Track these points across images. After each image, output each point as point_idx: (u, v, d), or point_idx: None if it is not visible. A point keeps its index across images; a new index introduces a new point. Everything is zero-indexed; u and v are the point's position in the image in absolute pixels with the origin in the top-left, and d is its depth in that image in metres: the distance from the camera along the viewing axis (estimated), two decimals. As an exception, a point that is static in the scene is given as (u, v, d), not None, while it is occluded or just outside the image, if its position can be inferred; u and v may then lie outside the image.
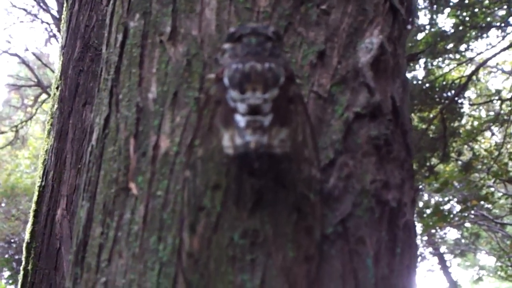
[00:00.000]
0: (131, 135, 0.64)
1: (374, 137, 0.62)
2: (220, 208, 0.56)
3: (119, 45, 0.72)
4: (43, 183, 1.54)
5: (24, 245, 1.53)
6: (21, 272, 1.50)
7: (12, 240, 10.43)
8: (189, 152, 0.58)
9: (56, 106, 1.61)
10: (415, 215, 0.69)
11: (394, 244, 0.60)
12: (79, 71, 1.59)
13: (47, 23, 9.25)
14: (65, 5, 1.77)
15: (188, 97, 0.63)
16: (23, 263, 1.51)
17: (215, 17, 0.67)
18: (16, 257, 10.37)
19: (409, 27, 0.77)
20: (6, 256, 10.39)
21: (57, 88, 1.63)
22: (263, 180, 0.55)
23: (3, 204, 10.53)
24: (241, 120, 0.52)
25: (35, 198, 1.55)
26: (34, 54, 9.91)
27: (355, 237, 0.56)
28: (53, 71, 9.58)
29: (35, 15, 9.52)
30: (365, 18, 0.69)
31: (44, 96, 9.66)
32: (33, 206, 1.55)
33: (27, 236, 1.53)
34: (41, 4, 8.76)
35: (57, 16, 8.10)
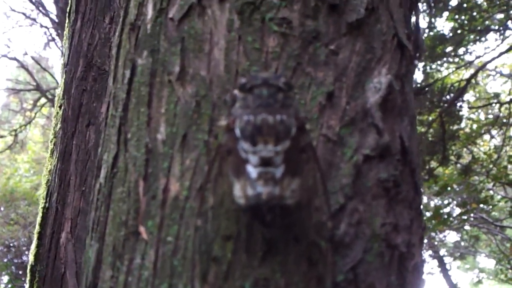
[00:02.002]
0: (140, 177, 0.64)
1: (383, 180, 0.62)
2: (231, 256, 0.56)
3: (127, 81, 0.72)
4: (47, 205, 1.54)
5: (28, 267, 1.52)
6: (25, 297, 1.49)
7: (11, 245, 10.39)
8: (199, 198, 0.58)
9: (59, 125, 1.61)
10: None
11: (404, 287, 0.60)
12: (82, 90, 1.58)
13: (46, 27, 9.23)
14: (67, 21, 1.77)
15: (197, 140, 0.63)
16: (27, 286, 1.50)
17: (224, 57, 0.67)
18: (15, 261, 10.32)
19: (416, 62, 0.77)
20: (5, 260, 10.35)
21: (60, 107, 1.63)
22: (274, 230, 0.55)
23: (2, 208, 10.49)
24: (252, 171, 0.52)
25: (39, 219, 1.54)
26: (33, 58, 9.90)
27: (366, 283, 0.56)
28: (52, 75, 9.58)
29: (34, 19, 9.50)
30: (373, 56, 0.69)
31: (43, 100, 9.64)
32: (37, 227, 1.54)
33: (31, 259, 1.52)
34: (40, 8, 8.74)
35: (56, 20, 8.08)
